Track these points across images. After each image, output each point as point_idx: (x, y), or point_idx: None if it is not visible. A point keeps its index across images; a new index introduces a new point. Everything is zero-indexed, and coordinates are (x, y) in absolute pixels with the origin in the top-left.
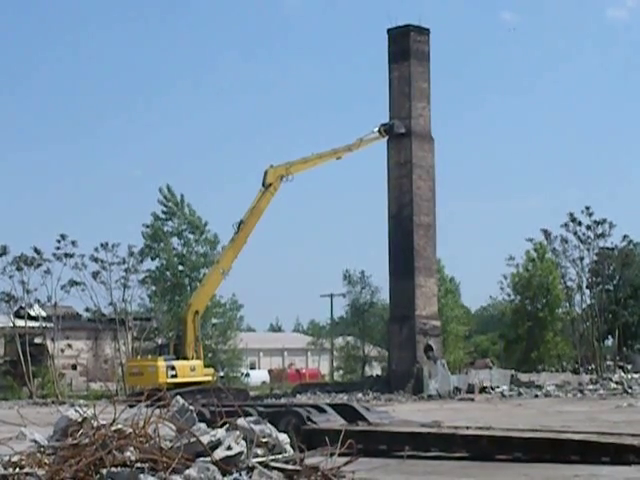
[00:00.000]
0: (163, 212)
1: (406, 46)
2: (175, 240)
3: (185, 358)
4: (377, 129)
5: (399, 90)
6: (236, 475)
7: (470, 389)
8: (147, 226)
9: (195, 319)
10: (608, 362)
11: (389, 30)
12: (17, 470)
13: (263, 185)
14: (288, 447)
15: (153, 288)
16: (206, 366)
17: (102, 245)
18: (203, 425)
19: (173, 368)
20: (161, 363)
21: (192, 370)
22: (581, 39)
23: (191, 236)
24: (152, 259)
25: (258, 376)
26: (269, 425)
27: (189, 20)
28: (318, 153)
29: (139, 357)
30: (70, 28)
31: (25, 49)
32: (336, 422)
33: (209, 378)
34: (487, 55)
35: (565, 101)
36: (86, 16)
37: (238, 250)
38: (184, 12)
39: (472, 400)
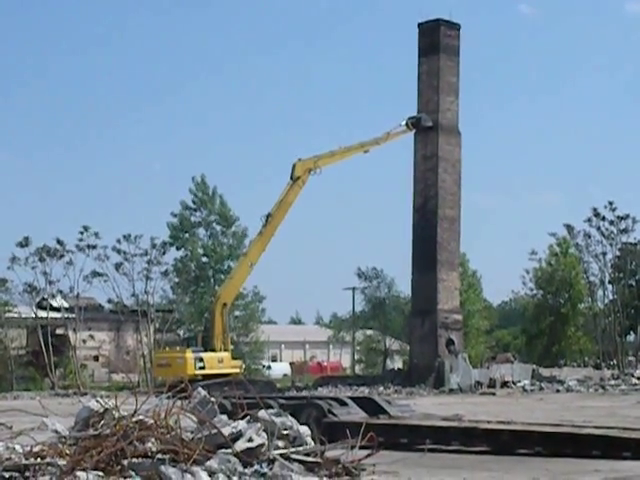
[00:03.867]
0: (193, 202)
1: (436, 40)
2: (202, 231)
3: (213, 350)
4: (404, 122)
5: (428, 84)
6: (257, 467)
7: (491, 383)
8: (175, 215)
9: (223, 311)
10: (630, 357)
11: (419, 24)
12: (39, 460)
13: (291, 178)
14: (309, 439)
15: (176, 280)
16: (233, 358)
17: (125, 237)
18: (224, 417)
19: (201, 360)
20: (189, 355)
21: (220, 362)
22: (600, 33)
23: (219, 228)
24: (177, 249)
25: (279, 369)
26: (290, 417)
27: (220, 13)
28: (346, 146)
29: (167, 349)
30: (91, 18)
31: (54, 41)
32: (357, 415)
33: (237, 370)
34: (508, 49)
35: (587, 97)
36: (117, 5)
37: (266, 243)
38: (216, 4)
39: (493, 394)
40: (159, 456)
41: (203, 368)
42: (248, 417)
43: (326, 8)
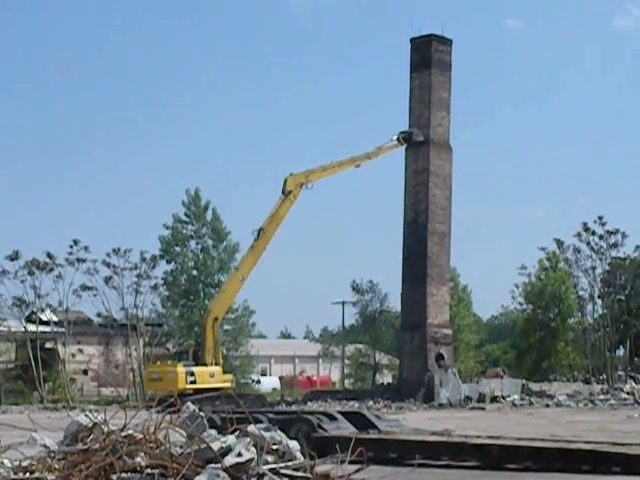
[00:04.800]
0: (186, 214)
1: (428, 55)
2: (192, 244)
3: (204, 364)
4: (396, 137)
5: (419, 99)
6: None
7: (481, 398)
8: (167, 227)
9: (214, 325)
10: (619, 372)
11: (412, 39)
12: (27, 475)
13: (283, 193)
14: (298, 454)
15: (166, 293)
16: (224, 372)
17: (114, 250)
18: (214, 431)
19: (192, 374)
20: (181, 369)
21: (211, 376)
22: (588, 48)
23: (210, 242)
24: (168, 262)
25: (269, 383)
26: (280, 432)
27: (211, 22)
28: (337, 161)
29: (158, 363)
30: (83, 28)
31: (35, 51)
32: (347, 430)
33: (228, 384)
34: (496, 64)
35: (575, 110)
36: (100, 14)
37: (258, 257)
38: (206, 14)
39: (483, 409)
40: (148, 471)
41: (194, 382)
42: (237, 432)
43: (318, 22)
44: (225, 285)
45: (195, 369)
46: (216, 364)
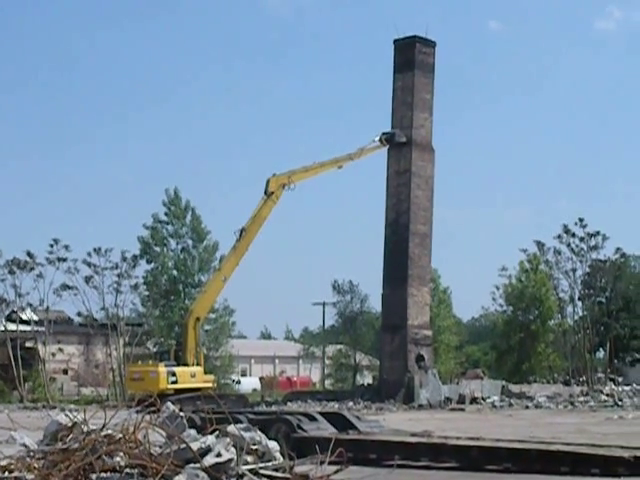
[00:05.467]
0: (166, 214)
1: (411, 57)
2: (173, 244)
3: (185, 364)
4: (378, 138)
5: (402, 100)
6: None
7: (461, 399)
8: (147, 227)
9: (196, 326)
10: (599, 374)
11: (395, 41)
12: (6, 474)
13: (265, 193)
14: (278, 455)
15: (146, 293)
16: (206, 372)
17: (95, 250)
18: (193, 431)
19: (174, 374)
20: (162, 369)
21: (192, 376)
22: (570, 51)
23: (190, 241)
24: (148, 262)
25: (249, 383)
26: (259, 432)
27: (191, 24)
28: (320, 162)
29: (140, 362)
30: (63, 33)
31: (17, 54)
32: (326, 430)
33: (209, 384)
34: (477, 65)
35: (556, 112)
36: (80, 20)
37: (240, 257)
38: (187, 15)
39: (463, 410)
40: (127, 471)
41: (176, 382)
42: (217, 432)
43: (300, 22)
44: (207, 285)
45: (176, 369)
46: (197, 364)
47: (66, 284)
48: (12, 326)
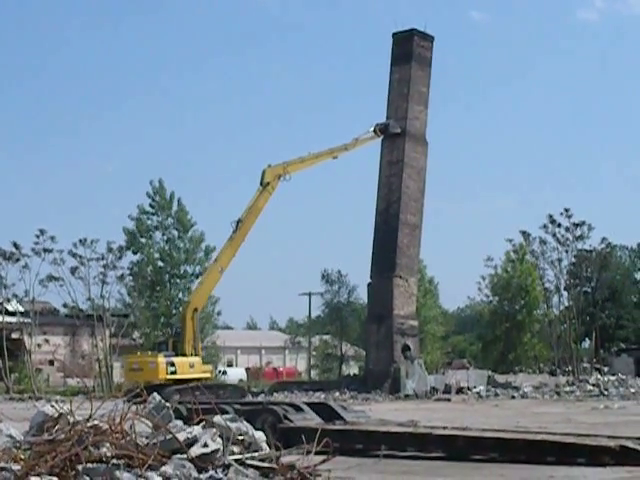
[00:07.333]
0: (151, 205)
1: (409, 49)
2: (158, 235)
3: (184, 355)
4: (372, 129)
5: (398, 91)
6: (212, 472)
7: (447, 389)
8: (132, 218)
9: (194, 317)
10: (585, 364)
11: (394, 34)
12: None
13: (261, 184)
14: (264, 445)
15: (132, 284)
16: (204, 363)
17: (81, 241)
18: (180, 422)
19: (173, 364)
20: (161, 359)
21: (191, 367)
22: (552, 40)
23: (175, 232)
24: (134, 253)
25: (235, 374)
26: (245, 423)
27: (185, 17)
28: (315, 153)
29: (139, 353)
30: (53, 27)
31: (6, 48)
32: (313, 421)
33: (207, 375)
34: (461, 56)
35: (541, 102)
36: (70, 14)
37: (236, 248)
38: (180, 8)
39: (449, 400)
40: (114, 461)
41: (175, 373)
42: (203, 422)
43: (297, 14)
44: (204, 277)
45: (175, 359)
46: (195, 355)
47: (52, 275)
48: None
